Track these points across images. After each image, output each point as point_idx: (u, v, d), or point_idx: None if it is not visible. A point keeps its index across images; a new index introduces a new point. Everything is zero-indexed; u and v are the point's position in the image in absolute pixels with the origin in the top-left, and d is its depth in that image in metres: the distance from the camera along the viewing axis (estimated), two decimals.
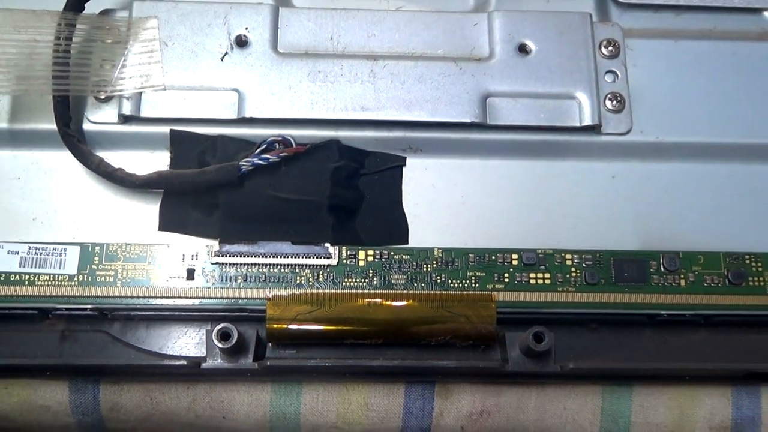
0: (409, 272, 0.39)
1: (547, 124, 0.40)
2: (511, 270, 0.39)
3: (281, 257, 0.39)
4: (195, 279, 0.38)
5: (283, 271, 0.39)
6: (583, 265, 0.39)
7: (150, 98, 0.40)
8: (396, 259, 0.39)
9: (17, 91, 0.39)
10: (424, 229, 0.40)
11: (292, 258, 0.39)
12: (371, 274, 0.39)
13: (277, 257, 0.39)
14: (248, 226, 0.39)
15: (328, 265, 0.39)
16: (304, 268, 0.39)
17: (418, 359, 0.38)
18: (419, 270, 0.39)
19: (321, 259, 0.39)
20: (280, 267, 0.39)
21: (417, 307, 0.37)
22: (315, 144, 0.40)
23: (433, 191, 0.41)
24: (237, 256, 0.39)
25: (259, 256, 0.39)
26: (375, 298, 0.37)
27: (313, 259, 0.39)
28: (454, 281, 0.39)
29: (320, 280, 0.39)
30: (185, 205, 0.40)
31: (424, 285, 0.39)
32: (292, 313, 0.37)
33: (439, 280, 0.39)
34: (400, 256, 0.39)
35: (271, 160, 0.39)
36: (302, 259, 0.39)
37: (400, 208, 0.40)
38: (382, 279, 0.39)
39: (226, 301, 0.38)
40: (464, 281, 0.39)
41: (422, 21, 0.42)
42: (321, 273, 0.39)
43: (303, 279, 0.39)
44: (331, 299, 0.37)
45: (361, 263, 0.39)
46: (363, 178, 0.40)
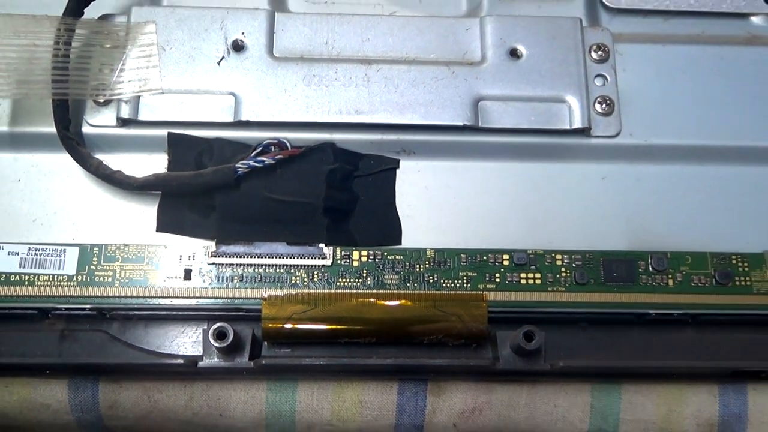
0: (403, 272, 0.39)
1: (538, 127, 0.40)
2: (503, 270, 0.39)
3: (277, 258, 0.39)
4: (192, 279, 0.39)
5: (278, 271, 0.39)
6: (573, 266, 0.39)
7: (148, 102, 0.40)
8: (389, 259, 0.39)
9: (17, 95, 0.39)
10: (417, 230, 0.40)
11: (287, 258, 0.39)
12: (365, 274, 0.39)
13: (273, 258, 0.39)
14: (244, 227, 0.39)
15: (323, 266, 0.39)
16: (299, 268, 0.39)
17: (411, 358, 0.38)
18: (412, 270, 0.39)
19: (316, 259, 0.39)
20: (275, 267, 0.39)
21: (410, 306, 0.37)
22: (310, 147, 0.40)
23: (426, 193, 0.41)
24: (233, 257, 0.39)
25: (255, 257, 0.39)
26: (369, 298, 0.37)
27: (308, 259, 0.39)
28: (447, 281, 0.39)
29: (315, 280, 0.39)
30: (182, 206, 0.40)
31: (417, 285, 0.39)
32: (288, 313, 0.37)
33: (432, 280, 0.39)
34: (394, 257, 0.39)
35: (267, 163, 0.39)
36: (297, 259, 0.39)
37: (394, 209, 0.40)
38: (376, 279, 0.39)
39: (223, 300, 0.38)
40: (456, 281, 0.39)
41: (415, 26, 0.42)
42: (316, 273, 0.39)
43: (298, 279, 0.39)
44: (326, 299, 0.37)
45: (355, 263, 0.39)
46: (357, 180, 0.41)
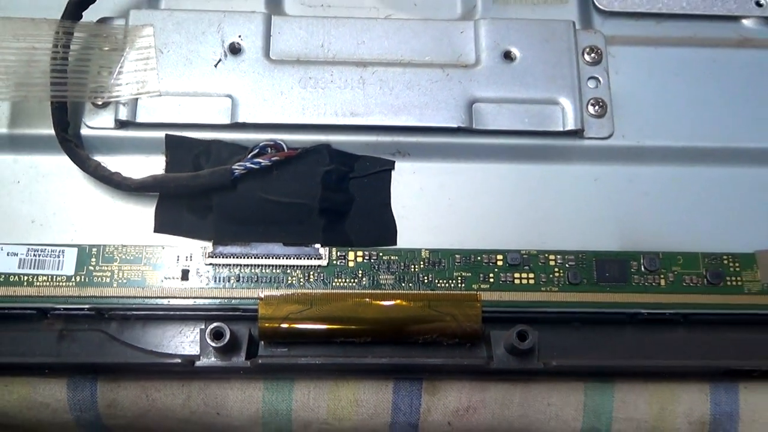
0: (398, 272, 0.39)
1: (531, 129, 0.40)
2: (496, 270, 0.39)
3: (273, 258, 0.39)
4: (189, 279, 0.39)
5: (274, 271, 0.39)
6: (566, 266, 0.39)
7: (146, 104, 0.40)
8: (384, 259, 0.39)
9: (16, 98, 0.39)
10: (412, 231, 0.40)
11: (283, 259, 0.39)
12: (360, 275, 0.39)
13: (269, 258, 0.39)
14: (241, 228, 0.39)
15: (319, 266, 0.39)
16: (296, 268, 0.39)
17: (406, 357, 0.38)
18: (407, 270, 0.39)
19: (312, 260, 0.39)
20: (272, 268, 0.39)
21: (405, 306, 0.37)
22: (306, 148, 0.40)
23: (420, 194, 0.41)
24: (230, 258, 0.39)
25: (252, 257, 0.39)
26: (364, 298, 0.38)
27: (304, 260, 0.39)
28: (441, 281, 0.39)
29: (311, 281, 0.39)
30: (180, 207, 0.40)
31: (411, 285, 0.39)
32: (284, 313, 0.37)
33: (427, 280, 0.39)
34: (389, 257, 0.39)
35: (264, 164, 0.39)
36: (293, 260, 0.39)
37: (389, 210, 0.40)
38: (371, 279, 0.39)
39: (220, 300, 0.38)
40: (451, 281, 0.39)
41: (410, 29, 0.42)
42: (312, 273, 0.39)
43: (294, 279, 0.39)
44: (322, 299, 0.38)
45: (351, 264, 0.39)
46: (353, 181, 0.41)
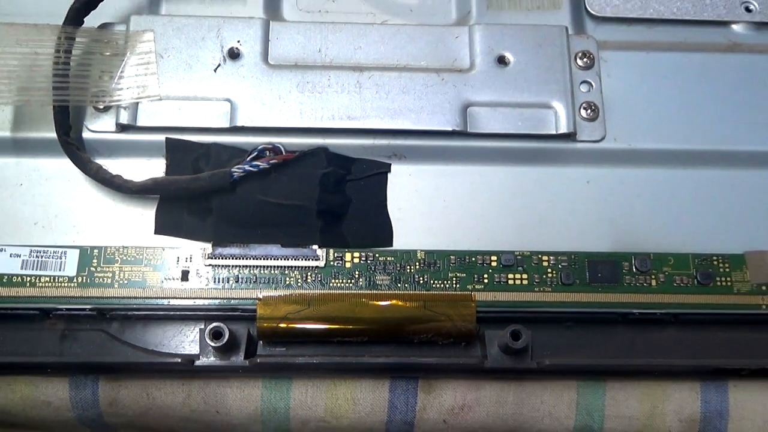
0: (394, 273, 0.39)
1: (524, 132, 0.41)
2: (491, 271, 0.39)
3: (271, 259, 0.39)
4: (189, 280, 0.39)
5: (273, 272, 0.39)
6: (559, 266, 0.40)
7: (146, 108, 0.40)
8: (381, 260, 0.40)
9: (19, 102, 0.40)
10: (408, 232, 0.40)
11: (281, 260, 0.39)
12: (357, 275, 0.39)
13: (268, 259, 0.39)
14: (240, 230, 0.39)
15: (316, 267, 0.39)
16: (293, 269, 0.39)
17: (402, 356, 0.38)
18: (403, 271, 0.39)
19: (309, 261, 0.39)
20: (270, 269, 0.39)
21: (401, 306, 0.38)
22: (304, 151, 0.40)
23: (416, 196, 0.41)
24: (229, 259, 0.39)
25: (251, 259, 0.39)
26: (361, 298, 0.38)
27: (302, 261, 0.39)
28: (436, 282, 0.39)
29: (308, 281, 0.39)
30: (180, 209, 0.40)
31: (407, 285, 0.39)
32: (282, 313, 0.38)
33: (422, 281, 0.39)
34: (385, 258, 0.40)
35: (262, 167, 0.39)
36: (291, 261, 0.39)
37: (385, 212, 0.41)
38: (368, 280, 0.39)
39: (219, 301, 0.39)
40: (446, 282, 0.39)
41: (406, 34, 0.42)
42: (309, 274, 0.39)
43: (292, 280, 0.39)
44: (319, 299, 0.38)
45: (348, 265, 0.40)
46: (350, 183, 0.41)
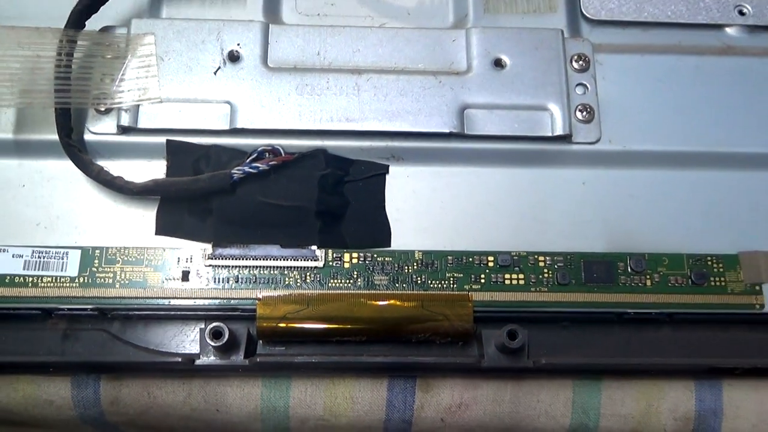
0: (392, 273, 0.40)
1: (521, 134, 0.41)
2: (487, 271, 0.40)
3: (271, 260, 0.39)
4: (190, 280, 0.39)
5: (272, 272, 0.39)
6: (555, 267, 0.40)
7: (147, 110, 0.40)
8: (379, 261, 0.40)
9: (21, 104, 0.40)
10: (406, 233, 0.41)
11: (281, 260, 0.40)
12: (356, 276, 0.40)
13: (267, 260, 0.39)
14: (240, 231, 0.40)
15: (315, 267, 0.40)
16: (293, 270, 0.40)
17: (400, 355, 0.39)
18: (401, 271, 0.40)
19: (308, 261, 0.40)
20: (269, 269, 0.39)
21: (399, 306, 0.38)
22: (303, 153, 0.40)
23: (414, 197, 0.41)
24: (229, 259, 0.40)
25: (250, 259, 0.39)
26: (359, 298, 0.38)
27: (301, 261, 0.40)
28: (434, 282, 0.40)
29: (308, 281, 0.40)
30: (181, 211, 0.40)
31: (405, 285, 0.40)
32: (281, 313, 0.38)
33: (420, 281, 0.40)
34: (383, 259, 0.40)
35: (262, 169, 0.39)
36: (291, 261, 0.40)
37: (383, 213, 0.41)
38: (366, 280, 0.40)
39: (219, 301, 0.39)
40: (443, 282, 0.40)
41: (404, 37, 0.42)
42: (308, 274, 0.40)
43: (291, 280, 0.39)
44: (318, 299, 0.38)
45: (346, 265, 0.40)
46: (348, 185, 0.41)
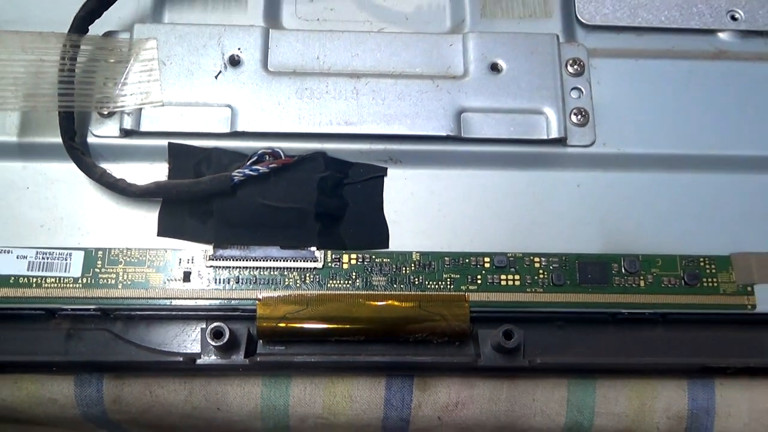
0: (390, 274, 0.40)
1: (517, 137, 0.41)
2: (484, 272, 0.40)
3: (271, 261, 0.40)
4: (191, 281, 0.40)
5: (272, 273, 0.40)
6: (550, 268, 0.40)
7: (149, 113, 0.41)
8: (377, 262, 0.40)
9: (25, 108, 0.40)
10: (404, 235, 0.41)
11: (281, 261, 0.40)
12: (354, 276, 0.40)
13: (267, 261, 0.40)
14: (240, 232, 0.40)
15: (314, 268, 0.40)
16: (292, 270, 0.40)
17: (397, 355, 0.39)
18: (399, 272, 0.40)
19: (308, 262, 0.40)
20: (269, 270, 0.40)
21: (397, 306, 0.39)
22: (302, 156, 0.41)
23: (412, 199, 0.42)
24: (230, 260, 0.40)
25: (251, 260, 0.40)
26: (358, 299, 0.39)
27: (301, 262, 0.40)
28: (431, 282, 0.40)
29: (307, 282, 0.40)
30: (182, 212, 0.41)
31: (403, 286, 0.40)
32: (281, 313, 0.38)
33: (417, 282, 0.40)
34: (381, 260, 0.40)
35: (262, 171, 0.40)
36: (290, 262, 0.40)
37: (382, 215, 0.41)
38: (364, 281, 0.40)
39: (220, 301, 0.39)
40: (440, 282, 0.40)
41: (402, 42, 0.43)
42: (308, 275, 0.40)
43: (291, 281, 0.40)
44: (317, 299, 0.39)
45: (345, 266, 0.40)
46: (347, 187, 0.42)
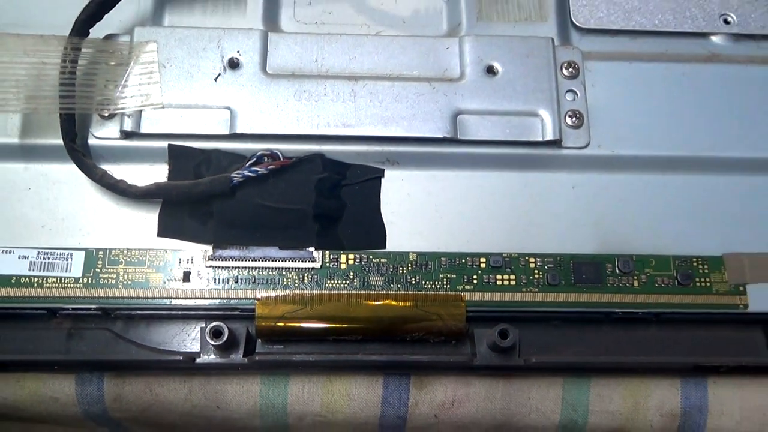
0: (387, 274, 0.40)
1: (512, 139, 0.41)
2: (480, 272, 0.40)
3: (270, 261, 0.40)
4: (191, 281, 0.40)
5: (271, 273, 0.40)
6: (545, 268, 0.40)
7: (149, 115, 0.41)
8: (374, 262, 0.41)
9: (27, 110, 0.40)
10: (401, 235, 0.41)
11: (279, 261, 0.40)
12: (352, 276, 0.40)
13: (266, 261, 0.40)
14: (239, 233, 0.40)
15: (313, 268, 0.40)
16: (291, 270, 0.40)
17: (395, 354, 0.39)
18: (396, 272, 0.40)
19: (306, 262, 0.40)
20: (268, 270, 0.40)
21: (394, 306, 0.39)
22: (300, 157, 0.41)
23: (408, 200, 0.42)
24: (229, 260, 0.40)
25: (250, 260, 0.40)
26: (355, 298, 0.39)
27: (299, 262, 0.40)
28: (428, 282, 0.40)
29: (305, 282, 0.40)
30: (182, 213, 0.41)
31: (400, 286, 0.40)
32: (280, 312, 0.38)
33: (414, 282, 0.40)
34: (378, 260, 0.41)
35: (261, 172, 0.40)
36: (289, 262, 0.40)
37: (379, 215, 0.41)
38: (362, 280, 0.40)
39: (219, 301, 0.40)
40: (437, 282, 0.40)
41: (399, 45, 0.43)
42: (306, 275, 0.40)
43: (289, 281, 0.40)
44: (315, 299, 0.39)
45: (343, 266, 0.40)
46: (345, 188, 0.42)
